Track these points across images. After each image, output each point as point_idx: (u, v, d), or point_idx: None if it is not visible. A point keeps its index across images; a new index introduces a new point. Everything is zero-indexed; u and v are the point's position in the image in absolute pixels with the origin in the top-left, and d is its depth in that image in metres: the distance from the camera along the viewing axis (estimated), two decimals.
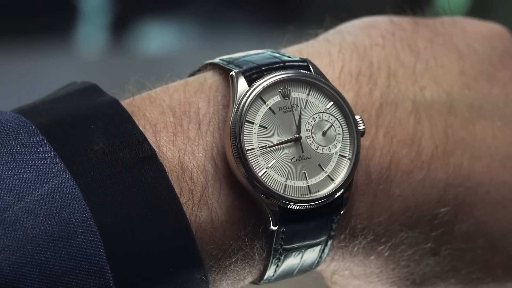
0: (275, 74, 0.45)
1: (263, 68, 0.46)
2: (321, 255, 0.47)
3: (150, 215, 0.41)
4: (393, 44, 0.51)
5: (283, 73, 0.46)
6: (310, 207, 0.45)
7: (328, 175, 0.45)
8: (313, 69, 0.47)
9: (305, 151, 0.45)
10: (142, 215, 0.41)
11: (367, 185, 0.47)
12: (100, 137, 0.42)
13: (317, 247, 0.47)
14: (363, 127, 0.46)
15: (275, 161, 0.44)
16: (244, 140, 0.44)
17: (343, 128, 0.46)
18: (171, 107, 0.45)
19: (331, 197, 0.45)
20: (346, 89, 0.48)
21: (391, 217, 0.48)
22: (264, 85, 0.45)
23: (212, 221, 0.44)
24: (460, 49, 0.52)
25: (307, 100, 0.46)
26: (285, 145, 0.45)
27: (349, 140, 0.46)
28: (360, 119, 0.46)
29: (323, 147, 0.46)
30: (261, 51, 0.48)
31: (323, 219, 0.46)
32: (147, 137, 0.43)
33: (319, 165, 0.45)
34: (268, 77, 0.45)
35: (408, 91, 0.49)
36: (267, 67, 0.46)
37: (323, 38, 0.52)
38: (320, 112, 0.46)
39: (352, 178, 0.46)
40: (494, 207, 0.50)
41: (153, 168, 0.42)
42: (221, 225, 0.44)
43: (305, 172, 0.45)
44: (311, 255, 0.47)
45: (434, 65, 0.51)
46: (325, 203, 0.45)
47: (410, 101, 0.49)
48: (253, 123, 0.44)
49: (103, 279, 0.39)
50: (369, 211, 0.48)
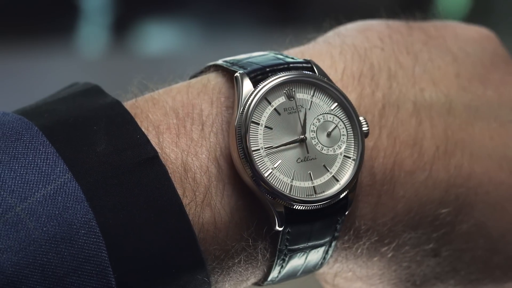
0: (280, 75, 0.45)
1: (268, 69, 0.46)
2: (325, 256, 0.47)
3: (152, 217, 0.41)
4: (391, 47, 0.51)
5: (288, 74, 0.46)
6: (315, 207, 0.44)
7: (333, 176, 0.45)
8: (317, 70, 0.47)
9: (310, 152, 0.45)
10: (144, 217, 0.41)
11: (371, 186, 0.47)
12: (102, 138, 0.42)
13: (321, 248, 0.47)
14: (367, 128, 0.46)
15: (280, 161, 0.44)
16: (250, 141, 0.44)
17: (348, 129, 0.46)
18: (174, 108, 0.45)
19: (336, 197, 0.45)
20: (349, 91, 0.48)
21: (394, 218, 0.48)
22: (269, 86, 0.45)
23: (215, 222, 0.44)
24: (454, 51, 0.52)
25: (311, 101, 0.46)
26: (290, 146, 0.45)
27: (354, 141, 0.46)
28: (364, 120, 0.46)
29: (327, 148, 0.46)
30: (264, 52, 0.48)
31: (328, 219, 0.46)
32: (150, 138, 0.43)
33: (324, 166, 0.45)
34: (273, 78, 0.45)
35: (408, 92, 0.49)
36: (272, 68, 0.46)
37: (323, 40, 0.52)
38: (325, 113, 0.46)
39: (356, 179, 0.46)
40: (493, 207, 0.50)
41: (155, 169, 0.42)
42: (224, 225, 0.44)
43: (310, 173, 0.45)
44: (315, 256, 0.47)
45: (431, 67, 0.51)
46: (330, 203, 0.45)
47: (411, 102, 0.49)
48: (258, 124, 0.44)
49: (105, 280, 0.39)
50: (373, 212, 0.48)
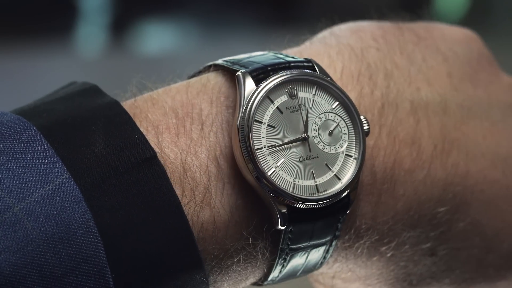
0: (282, 74, 0.45)
1: (269, 68, 0.46)
2: (325, 255, 0.48)
3: (150, 217, 0.41)
4: (385, 47, 0.51)
5: (290, 73, 0.46)
6: (318, 206, 0.45)
7: (335, 175, 0.45)
8: (318, 69, 0.47)
9: (312, 150, 0.45)
10: (142, 217, 0.41)
11: (371, 184, 0.47)
12: (100, 138, 0.42)
13: (322, 247, 0.47)
14: (367, 127, 0.47)
15: (283, 160, 0.44)
16: (253, 139, 0.44)
17: (349, 128, 0.46)
18: (174, 108, 0.45)
19: (339, 196, 0.45)
20: (348, 90, 0.48)
21: (395, 217, 0.48)
22: (271, 85, 0.45)
23: (214, 221, 0.44)
24: (443, 51, 0.53)
25: (313, 100, 0.46)
26: (293, 144, 0.45)
27: (355, 139, 0.46)
28: (365, 119, 0.47)
29: (329, 146, 0.46)
30: (263, 52, 0.48)
31: (329, 218, 0.46)
32: (149, 138, 0.43)
33: (326, 164, 0.45)
34: (275, 77, 0.45)
35: (405, 91, 0.50)
36: (273, 67, 0.46)
37: (318, 40, 0.52)
38: (326, 112, 0.46)
39: (358, 177, 0.46)
40: (487, 205, 0.50)
41: (153, 169, 0.42)
42: (223, 225, 0.44)
43: (312, 171, 0.45)
44: (315, 255, 0.47)
45: (425, 67, 0.51)
46: (332, 202, 0.45)
47: (409, 101, 0.49)
48: (261, 123, 0.45)
49: (103, 280, 0.39)
50: (374, 210, 0.48)
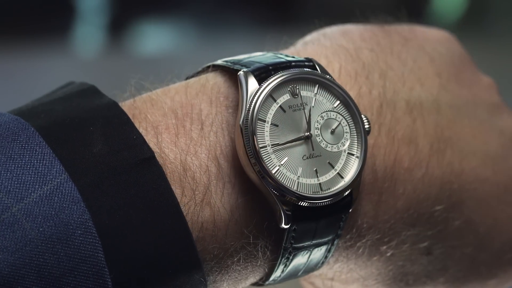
0: (284, 73, 0.46)
1: (271, 67, 0.46)
2: (327, 254, 0.48)
3: (148, 217, 0.41)
4: (377, 48, 0.52)
5: (291, 72, 0.46)
6: (322, 204, 0.45)
7: (338, 173, 0.46)
8: (319, 68, 0.47)
9: (315, 149, 0.45)
10: (140, 217, 0.41)
11: (373, 183, 0.48)
12: (98, 139, 0.42)
13: (324, 246, 0.47)
14: (368, 126, 0.47)
15: (287, 158, 0.45)
16: (258, 138, 0.44)
17: (350, 127, 0.47)
18: (173, 109, 0.45)
19: (342, 194, 0.45)
20: (347, 89, 0.48)
21: (395, 215, 0.48)
22: (274, 84, 0.45)
23: (214, 220, 0.44)
24: (429, 52, 0.53)
25: (315, 99, 0.46)
26: (296, 143, 0.45)
27: (357, 138, 0.47)
28: (366, 118, 0.47)
29: (332, 145, 0.46)
30: (263, 52, 0.49)
31: (332, 217, 0.46)
32: (149, 139, 0.43)
33: (329, 163, 0.46)
34: (277, 75, 0.45)
35: (400, 91, 0.50)
36: (274, 66, 0.46)
37: (311, 42, 0.52)
38: (328, 111, 0.46)
39: (361, 175, 0.46)
40: (480, 203, 0.51)
41: (151, 170, 0.42)
42: (223, 224, 0.44)
43: (316, 170, 0.45)
44: (317, 254, 0.47)
45: (416, 68, 0.52)
46: (336, 200, 0.45)
47: (404, 101, 0.50)
48: (264, 121, 0.45)
49: (101, 280, 0.39)
50: (375, 209, 0.48)
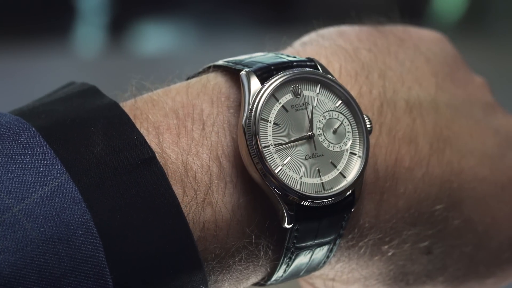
0: (286, 73, 0.46)
1: (273, 67, 0.46)
2: (328, 254, 0.48)
3: (149, 217, 0.41)
4: (375, 48, 0.52)
5: (293, 71, 0.46)
6: (324, 204, 0.45)
7: (340, 172, 0.46)
8: (321, 68, 0.47)
9: (317, 148, 0.46)
10: (141, 217, 0.41)
11: (374, 183, 0.48)
12: (99, 139, 0.42)
13: (326, 245, 0.47)
14: (370, 126, 0.47)
15: (290, 158, 0.45)
16: (260, 137, 0.44)
17: (352, 126, 0.47)
18: (174, 109, 0.45)
19: (344, 193, 0.45)
20: (348, 89, 0.48)
21: (396, 215, 0.48)
22: (277, 83, 0.45)
23: (216, 220, 0.44)
24: (424, 52, 0.53)
25: (317, 98, 0.46)
26: (299, 142, 0.45)
27: (359, 138, 0.47)
28: (367, 118, 0.47)
29: (334, 144, 0.46)
30: (264, 53, 0.49)
31: (335, 216, 0.46)
32: (150, 139, 0.43)
33: (331, 162, 0.46)
34: (279, 75, 0.45)
35: (400, 91, 0.50)
36: (276, 66, 0.46)
37: (309, 42, 0.53)
38: (330, 110, 0.46)
39: (363, 175, 0.46)
40: (478, 202, 0.51)
41: (152, 170, 0.42)
42: (225, 224, 0.44)
43: (318, 169, 0.45)
44: (319, 254, 0.47)
45: (413, 68, 0.52)
46: (338, 200, 0.45)
47: (404, 100, 0.50)
48: (267, 121, 0.45)
49: (102, 281, 0.39)
50: (377, 209, 0.48)
